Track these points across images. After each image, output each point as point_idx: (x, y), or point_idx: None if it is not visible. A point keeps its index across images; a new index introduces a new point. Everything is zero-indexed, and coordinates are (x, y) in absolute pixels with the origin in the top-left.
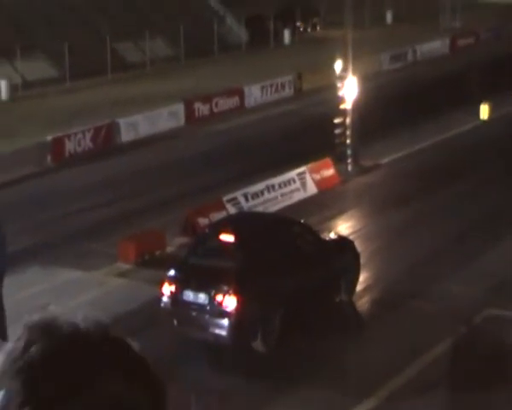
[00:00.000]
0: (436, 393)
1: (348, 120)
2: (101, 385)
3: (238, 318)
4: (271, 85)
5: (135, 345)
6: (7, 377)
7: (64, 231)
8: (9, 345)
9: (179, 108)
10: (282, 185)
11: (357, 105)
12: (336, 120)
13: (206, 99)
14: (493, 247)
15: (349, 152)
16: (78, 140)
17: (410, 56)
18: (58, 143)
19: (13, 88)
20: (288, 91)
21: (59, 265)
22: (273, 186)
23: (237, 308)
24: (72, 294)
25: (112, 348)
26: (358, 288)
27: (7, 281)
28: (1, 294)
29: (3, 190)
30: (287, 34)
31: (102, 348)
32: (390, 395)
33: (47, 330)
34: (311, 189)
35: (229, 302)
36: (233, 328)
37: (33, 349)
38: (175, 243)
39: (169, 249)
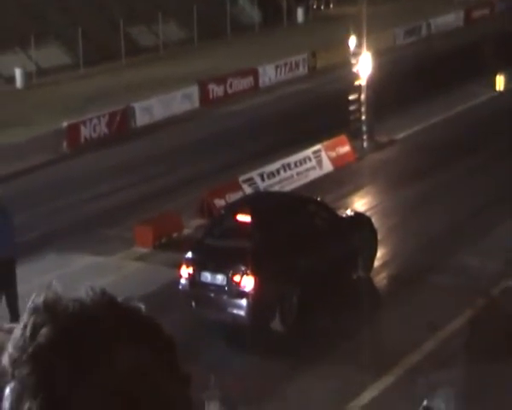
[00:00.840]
0: (454, 367)
1: (363, 97)
2: (115, 357)
3: (256, 298)
4: (285, 64)
5: (142, 307)
6: (17, 367)
7: (80, 216)
8: (16, 332)
9: (193, 90)
10: (298, 164)
11: (371, 81)
12: (351, 97)
13: (221, 80)
14: (509, 219)
15: (364, 128)
16: (94, 126)
17: (424, 30)
18: (73, 130)
19: (27, 76)
20: (303, 70)
21: (76, 251)
22: (289, 165)
23: (255, 288)
24: (90, 279)
25: (121, 317)
26: (376, 264)
27: (24, 267)
28: (14, 279)
29: (20, 178)
30: (300, 13)
31: (111, 318)
32: (408, 370)
33: (53, 312)
34: (327, 166)
35: (247, 282)
36: (251, 308)
37: (42, 333)
38: (192, 225)
39: (186, 232)
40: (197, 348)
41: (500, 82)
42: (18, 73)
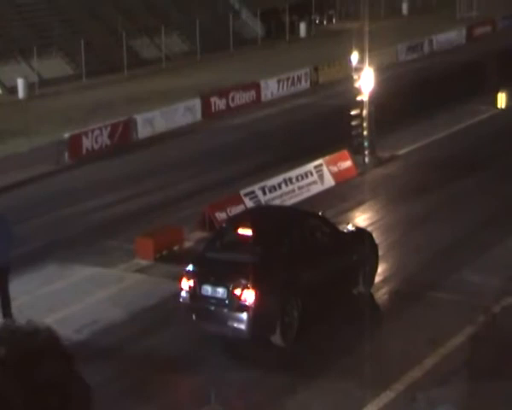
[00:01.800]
0: (455, 384)
1: (365, 112)
2: (39, 368)
3: (257, 311)
4: (288, 79)
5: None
6: None
7: (82, 227)
8: None
9: (196, 102)
10: (300, 178)
11: (373, 97)
12: (353, 112)
13: (223, 93)
14: (511, 236)
15: (366, 144)
16: (96, 137)
17: (426, 47)
18: (75, 141)
19: (29, 86)
20: (305, 84)
21: (77, 262)
22: (290, 179)
23: (256, 302)
24: (92, 290)
25: (44, 341)
26: (377, 279)
27: (25, 278)
28: (6, 290)
29: (21, 188)
30: (302, 27)
31: (35, 341)
32: (408, 387)
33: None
34: (329, 181)
35: (248, 296)
36: (251, 322)
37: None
38: (193, 238)
39: (187, 244)
40: (197, 362)
41: (502, 100)
42: (20, 83)
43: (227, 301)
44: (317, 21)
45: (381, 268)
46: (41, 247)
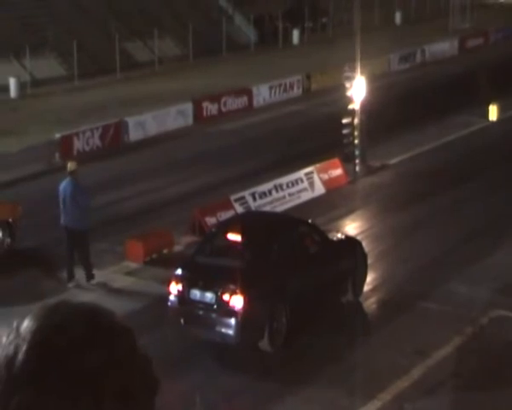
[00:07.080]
0: (442, 395)
1: (356, 121)
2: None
3: (245, 317)
4: (280, 85)
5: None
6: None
7: None
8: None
9: (188, 107)
10: (290, 185)
11: (365, 105)
12: (344, 120)
13: (215, 98)
14: (501, 248)
15: (357, 152)
16: (87, 138)
17: (418, 57)
18: (67, 142)
19: (21, 86)
20: (297, 91)
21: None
22: (281, 186)
23: (244, 308)
24: (80, 291)
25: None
26: (365, 288)
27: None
28: (88, 253)
29: (12, 188)
30: (295, 34)
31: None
32: (395, 396)
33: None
34: (319, 189)
35: (236, 301)
36: (240, 327)
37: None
38: (183, 242)
39: (177, 248)
40: (185, 366)
41: (493, 112)
42: (12, 82)
43: (215, 306)
44: (311, 29)
45: (369, 277)
46: (31, 247)
